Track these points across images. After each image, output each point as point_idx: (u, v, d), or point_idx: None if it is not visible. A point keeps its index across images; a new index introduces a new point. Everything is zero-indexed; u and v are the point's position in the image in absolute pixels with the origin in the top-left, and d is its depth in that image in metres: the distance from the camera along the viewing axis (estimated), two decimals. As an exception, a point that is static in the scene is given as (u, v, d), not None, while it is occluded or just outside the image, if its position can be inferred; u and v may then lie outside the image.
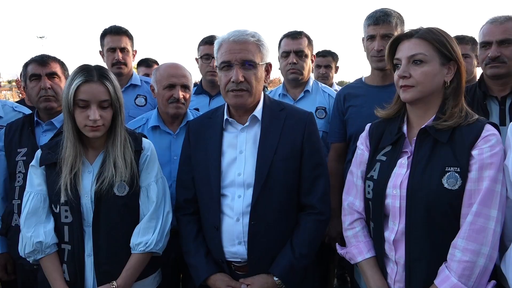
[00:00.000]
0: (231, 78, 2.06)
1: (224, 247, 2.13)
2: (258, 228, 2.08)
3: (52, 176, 2.11)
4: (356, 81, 3.05)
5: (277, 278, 2.09)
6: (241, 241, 2.10)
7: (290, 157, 2.13)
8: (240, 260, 2.14)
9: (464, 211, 1.73)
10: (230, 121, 2.20)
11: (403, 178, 1.84)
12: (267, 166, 2.09)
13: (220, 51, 2.11)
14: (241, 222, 2.09)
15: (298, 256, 2.09)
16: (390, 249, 1.89)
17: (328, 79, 5.01)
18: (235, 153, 2.16)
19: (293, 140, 2.15)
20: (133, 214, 2.17)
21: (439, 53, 1.82)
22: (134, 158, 2.16)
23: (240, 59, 2.06)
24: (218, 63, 2.14)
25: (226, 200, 2.13)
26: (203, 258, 2.16)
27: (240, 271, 2.15)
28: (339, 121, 2.96)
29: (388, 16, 2.69)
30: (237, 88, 2.07)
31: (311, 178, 2.16)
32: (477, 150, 1.73)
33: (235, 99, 2.10)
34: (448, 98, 1.85)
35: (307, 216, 2.16)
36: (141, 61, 5.24)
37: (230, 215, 2.11)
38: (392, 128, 1.98)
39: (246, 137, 2.18)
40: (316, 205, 2.15)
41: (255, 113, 2.17)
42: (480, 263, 1.66)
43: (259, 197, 2.07)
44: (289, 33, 3.37)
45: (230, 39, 2.08)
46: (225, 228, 2.12)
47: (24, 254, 2.11)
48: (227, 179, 2.14)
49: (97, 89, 2.03)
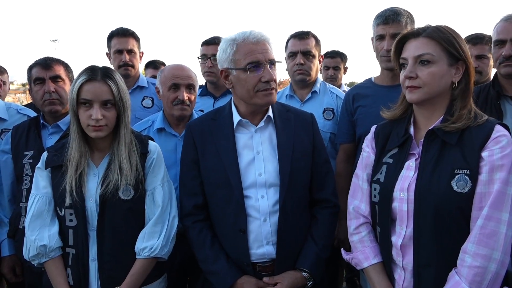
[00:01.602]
0: (262, 78, 2.06)
1: (250, 249, 2.12)
2: (286, 227, 2.12)
3: (57, 178, 2.10)
4: (365, 81, 3.01)
5: (306, 271, 2.14)
6: (269, 241, 2.12)
7: (305, 155, 2.21)
8: (266, 260, 2.15)
9: (474, 215, 1.67)
10: (243, 122, 2.20)
11: (411, 181, 1.79)
12: (289, 165, 2.13)
13: (241, 52, 2.08)
14: (269, 222, 2.11)
15: (322, 247, 2.18)
16: (398, 255, 1.84)
17: (336, 81, 4.95)
18: (252, 154, 2.17)
19: (304, 139, 2.23)
20: (138, 218, 2.15)
21: (447, 53, 1.77)
22: (140, 161, 2.14)
23: (268, 58, 2.09)
24: (240, 65, 2.09)
25: (249, 202, 2.12)
26: (225, 264, 2.13)
27: (265, 271, 2.15)
28: (347, 122, 2.92)
29: (398, 15, 2.65)
30: (270, 87, 2.09)
31: (323, 173, 2.27)
32: (487, 151, 1.68)
33: (267, 98, 2.11)
34: (456, 99, 1.80)
35: (323, 210, 2.27)
36: (149, 63, 5.27)
37: (256, 216, 2.11)
38: (398, 129, 1.94)
39: (261, 137, 2.20)
40: (330, 198, 2.28)
41: (269, 114, 2.20)
42: (491, 268, 1.61)
43: (286, 195, 2.11)
44: (296, 33, 3.33)
45: (251, 40, 2.08)
46: (252, 229, 2.12)
47: (28, 257, 2.11)
48: (248, 180, 2.13)
49: (99, 88, 2.02)
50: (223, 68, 2.16)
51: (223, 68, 2.16)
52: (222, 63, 2.17)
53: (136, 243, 2.12)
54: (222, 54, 2.15)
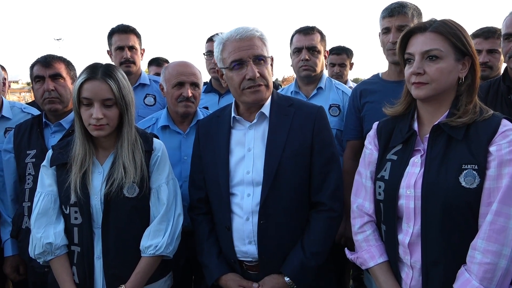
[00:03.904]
0: (246, 76, 2.03)
1: (235, 247, 2.11)
2: (267, 227, 2.05)
3: (62, 176, 2.10)
4: (373, 77, 2.97)
5: (288, 278, 2.06)
6: (251, 241, 2.08)
7: (299, 154, 2.09)
8: (252, 260, 2.12)
9: (483, 210, 1.65)
10: (237, 118, 2.18)
11: (417, 178, 1.76)
12: (276, 164, 2.05)
13: (226, 51, 2.07)
14: (251, 221, 2.07)
15: (309, 255, 2.05)
16: (405, 253, 1.81)
17: (342, 78, 4.90)
18: (243, 151, 2.14)
19: (302, 136, 2.11)
20: (143, 216, 2.14)
21: (454, 48, 1.73)
22: (145, 159, 2.13)
23: (252, 55, 2.03)
24: (226, 64, 2.08)
25: (235, 199, 2.11)
26: (215, 258, 2.15)
27: (252, 270, 2.14)
28: (355, 118, 2.88)
29: (404, 7, 2.62)
30: (254, 84, 2.04)
31: (322, 174, 2.12)
32: (495, 146, 1.65)
33: (254, 95, 2.07)
34: (462, 95, 1.77)
35: (317, 214, 2.12)
36: (152, 60, 5.25)
37: (240, 214, 2.09)
38: (402, 126, 1.91)
39: (254, 134, 2.15)
40: (326, 202, 2.10)
41: (262, 110, 2.14)
42: (501, 265, 1.58)
43: (267, 195, 2.04)
44: (301, 28, 3.30)
45: (235, 37, 2.04)
46: (236, 227, 2.10)
47: (34, 255, 2.10)
48: (236, 178, 2.11)
49: (99, 87, 2.01)
50: (217, 68, 2.18)
51: (217, 67, 2.18)
52: (217, 63, 2.17)
53: (141, 241, 2.11)
54: (215, 53, 2.15)
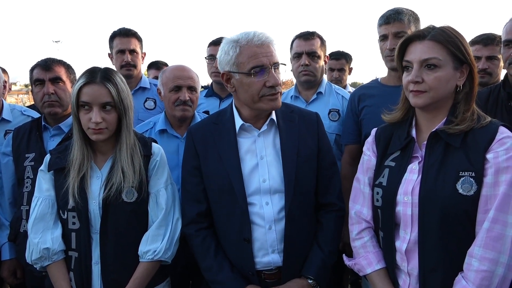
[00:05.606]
0: (267, 83, 1.97)
1: (255, 258, 2.06)
2: (293, 234, 2.05)
3: (60, 180, 2.09)
4: (372, 82, 2.99)
5: (312, 279, 2.07)
6: (275, 249, 2.05)
7: (310, 159, 2.13)
8: (272, 268, 2.09)
9: (480, 218, 1.65)
10: (246, 126, 2.12)
11: (415, 184, 1.77)
12: (293, 170, 2.06)
13: (244, 56, 1.97)
14: (274, 230, 2.04)
15: (328, 254, 2.11)
16: (402, 260, 1.81)
17: (341, 83, 4.91)
18: (255, 159, 2.09)
19: (310, 141, 2.15)
20: (141, 221, 2.13)
21: (453, 56, 1.73)
22: (143, 163, 2.12)
23: (272, 62, 1.98)
24: (244, 69, 1.98)
25: (253, 209, 2.05)
26: (230, 274, 2.06)
27: (271, 279, 2.09)
28: (353, 122, 2.89)
29: (399, 14, 2.63)
30: (275, 92, 2.00)
31: (328, 177, 2.19)
32: (492, 153, 1.66)
33: (273, 103, 2.02)
34: (460, 102, 1.78)
35: (328, 214, 2.18)
36: (151, 63, 5.26)
37: (261, 224, 2.04)
38: (400, 132, 1.91)
39: (264, 142, 2.12)
40: (336, 202, 2.19)
41: (272, 117, 2.13)
42: (498, 272, 1.58)
43: (292, 202, 2.04)
44: (301, 33, 3.31)
45: (255, 42, 1.96)
46: (257, 238, 2.05)
47: (31, 260, 2.09)
48: (252, 187, 2.06)
49: (98, 91, 2.00)
50: (224, 71, 2.06)
51: (224, 71, 2.06)
52: (223, 66, 2.06)
53: (139, 246, 2.10)
54: (224, 56, 2.04)
